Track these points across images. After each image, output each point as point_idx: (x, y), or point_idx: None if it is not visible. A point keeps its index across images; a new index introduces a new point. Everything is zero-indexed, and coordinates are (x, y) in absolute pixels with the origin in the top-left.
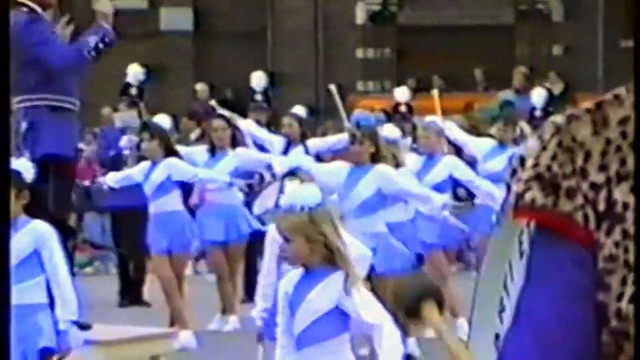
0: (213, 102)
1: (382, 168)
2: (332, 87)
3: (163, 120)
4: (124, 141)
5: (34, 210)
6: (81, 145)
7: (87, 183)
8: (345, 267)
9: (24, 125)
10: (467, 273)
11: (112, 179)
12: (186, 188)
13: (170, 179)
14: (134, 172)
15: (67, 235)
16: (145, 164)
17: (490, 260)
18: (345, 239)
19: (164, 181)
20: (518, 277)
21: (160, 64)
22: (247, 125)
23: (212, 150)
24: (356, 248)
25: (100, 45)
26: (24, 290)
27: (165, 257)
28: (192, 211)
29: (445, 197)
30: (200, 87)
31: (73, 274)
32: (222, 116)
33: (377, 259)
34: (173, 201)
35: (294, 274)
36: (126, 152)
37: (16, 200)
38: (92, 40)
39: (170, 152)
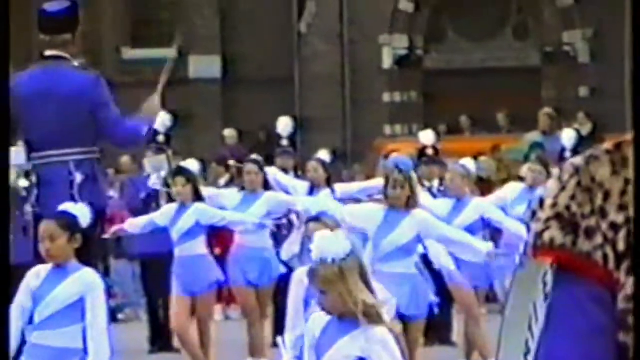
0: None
1: (422, 214)
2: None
3: (192, 165)
4: (152, 180)
5: (83, 255)
6: (111, 193)
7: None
8: (375, 319)
9: (79, 177)
10: (498, 314)
11: (135, 225)
12: (213, 232)
13: (199, 224)
14: (158, 217)
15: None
16: (169, 208)
17: (515, 301)
18: (374, 287)
19: (192, 226)
20: (543, 319)
21: (189, 110)
22: (272, 172)
23: (244, 193)
24: (381, 294)
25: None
26: (65, 335)
27: (188, 300)
28: (221, 255)
29: (489, 245)
30: (229, 132)
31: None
32: (254, 160)
33: (408, 301)
34: (198, 245)
35: (322, 317)
36: (157, 185)
37: (68, 243)
38: (145, 126)
39: (199, 196)
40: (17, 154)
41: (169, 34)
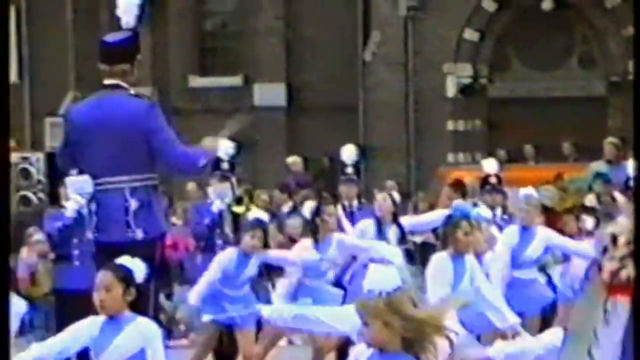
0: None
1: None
2: None
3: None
4: (216, 206)
5: (136, 309)
6: (173, 220)
7: (179, 256)
8: (422, 353)
9: (134, 204)
10: None
11: (198, 293)
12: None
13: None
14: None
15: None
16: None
17: (576, 326)
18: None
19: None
20: (603, 344)
21: (253, 138)
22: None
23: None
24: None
25: (210, 161)
26: None
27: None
28: None
29: (517, 320)
30: (293, 160)
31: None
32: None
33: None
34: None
35: (365, 350)
36: (220, 205)
37: (123, 296)
38: (203, 157)
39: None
40: (85, 183)
41: (235, 62)
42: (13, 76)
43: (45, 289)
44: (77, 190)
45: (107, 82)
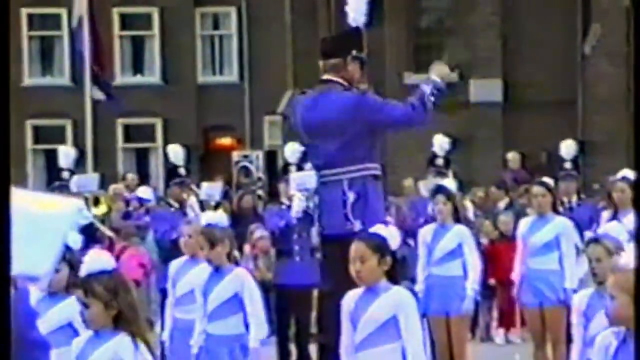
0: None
1: None
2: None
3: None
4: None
5: (392, 278)
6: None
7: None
8: None
9: (351, 197)
10: None
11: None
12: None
13: (460, 247)
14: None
15: None
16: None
17: None
18: None
19: (455, 248)
20: None
21: (470, 134)
22: None
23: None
24: None
25: (435, 92)
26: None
27: (442, 319)
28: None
29: None
30: (512, 156)
31: None
32: (542, 183)
33: None
34: (456, 266)
35: (608, 335)
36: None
37: (378, 265)
38: (425, 88)
39: (458, 218)
40: (310, 178)
41: (450, 58)
42: (234, 77)
43: (264, 284)
44: (299, 186)
45: (323, 77)
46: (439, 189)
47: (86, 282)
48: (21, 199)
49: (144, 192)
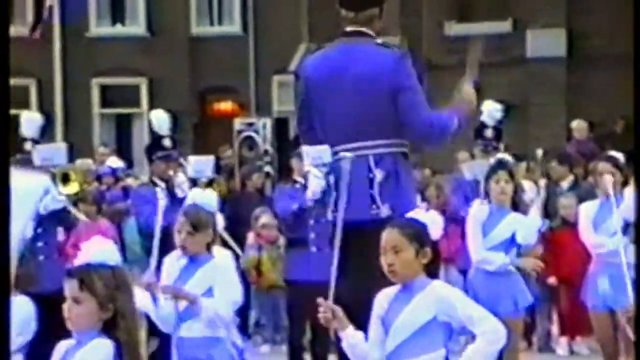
0: None
1: None
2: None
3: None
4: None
5: (431, 272)
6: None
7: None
8: None
9: (379, 175)
10: None
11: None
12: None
13: (514, 236)
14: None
15: None
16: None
17: None
18: None
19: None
20: None
21: (524, 98)
22: None
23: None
24: None
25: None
26: None
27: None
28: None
29: None
30: (577, 124)
31: None
32: (610, 158)
33: None
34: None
35: None
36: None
37: (416, 257)
38: (455, 118)
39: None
40: (324, 152)
41: (503, 4)
42: (236, 27)
43: (270, 281)
44: (315, 160)
45: (349, 29)
46: (500, 164)
47: (85, 272)
48: None
49: (114, 161)
